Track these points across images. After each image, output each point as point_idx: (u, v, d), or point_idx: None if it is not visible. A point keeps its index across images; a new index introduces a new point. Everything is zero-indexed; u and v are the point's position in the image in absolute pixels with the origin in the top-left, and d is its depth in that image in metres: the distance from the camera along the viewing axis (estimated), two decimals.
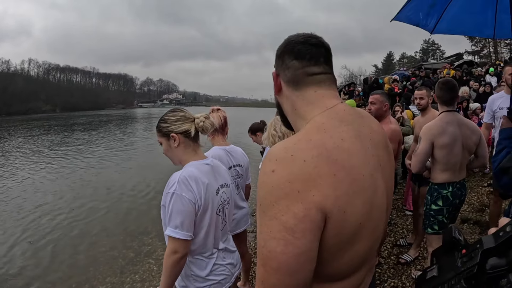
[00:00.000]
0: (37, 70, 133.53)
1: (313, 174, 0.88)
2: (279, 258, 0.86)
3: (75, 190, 10.27)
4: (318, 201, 0.87)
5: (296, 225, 0.85)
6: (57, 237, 6.62)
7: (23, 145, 22.25)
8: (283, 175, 0.88)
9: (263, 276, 0.89)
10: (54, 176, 12.22)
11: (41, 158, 16.40)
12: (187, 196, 1.77)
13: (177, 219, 1.75)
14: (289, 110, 1.12)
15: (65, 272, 5.23)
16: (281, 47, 1.13)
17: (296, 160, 0.89)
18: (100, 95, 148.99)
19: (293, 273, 0.87)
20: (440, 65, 22.36)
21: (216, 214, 1.96)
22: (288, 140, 0.97)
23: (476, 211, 5.58)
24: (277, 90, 1.14)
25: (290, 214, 0.85)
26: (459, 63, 21.71)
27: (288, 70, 1.09)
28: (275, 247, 0.86)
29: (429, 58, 64.27)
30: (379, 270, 3.89)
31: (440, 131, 2.90)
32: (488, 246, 0.86)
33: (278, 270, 0.86)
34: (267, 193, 0.89)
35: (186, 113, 2.00)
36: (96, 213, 7.97)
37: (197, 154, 2.00)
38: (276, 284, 0.88)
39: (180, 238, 1.75)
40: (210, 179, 1.94)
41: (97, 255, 5.68)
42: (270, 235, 0.87)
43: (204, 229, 1.89)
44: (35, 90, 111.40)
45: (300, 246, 0.85)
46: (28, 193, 10.01)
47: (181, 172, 1.85)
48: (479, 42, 50.39)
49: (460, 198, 3.06)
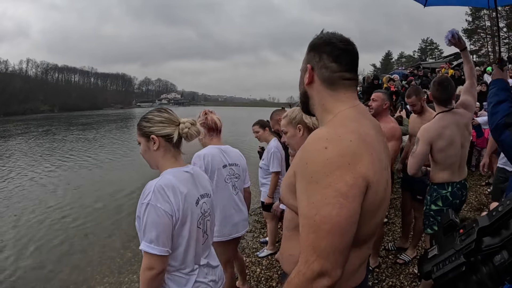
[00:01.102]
0: (35, 70, 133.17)
1: (358, 151, 1.08)
2: (334, 221, 1.02)
3: (72, 190, 10.26)
4: (363, 172, 1.06)
5: (348, 191, 1.03)
6: (54, 238, 6.61)
7: (21, 144, 22.22)
8: (335, 151, 1.07)
9: (314, 241, 1.04)
10: (52, 176, 12.21)
11: (40, 157, 16.43)
12: (163, 207, 1.61)
13: (152, 232, 1.59)
14: (317, 102, 1.29)
15: (62, 272, 5.21)
16: (320, 44, 1.26)
17: (343, 140, 1.09)
18: (99, 95, 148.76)
19: (344, 234, 1.04)
20: (438, 64, 22.40)
21: (196, 227, 1.79)
22: (328, 126, 1.19)
23: (474, 210, 5.59)
24: (309, 81, 1.28)
25: (343, 182, 1.03)
26: (458, 62, 21.69)
27: (325, 70, 1.24)
28: (330, 211, 1.02)
29: (427, 57, 64.29)
30: (377, 270, 3.89)
31: (437, 134, 2.86)
32: (483, 224, 0.98)
33: (330, 232, 1.02)
34: (321, 166, 1.06)
35: (172, 115, 1.83)
36: (94, 213, 7.97)
37: (177, 161, 1.84)
38: (327, 246, 1.03)
39: (156, 253, 1.58)
40: (190, 188, 1.78)
41: (95, 255, 5.67)
42: (325, 202, 1.03)
43: (183, 243, 1.72)
44: (33, 90, 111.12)
45: (351, 209, 1.04)
46: (24, 193, 10.00)
47: (157, 180, 1.69)
48: (478, 41, 50.39)
49: (461, 198, 3.02)
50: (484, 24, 45.86)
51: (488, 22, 44.40)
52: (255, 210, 6.54)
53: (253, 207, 6.54)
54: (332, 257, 1.04)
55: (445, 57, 32.64)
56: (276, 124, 4.12)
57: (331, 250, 1.03)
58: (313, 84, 1.27)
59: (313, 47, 1.28)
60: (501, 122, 1.78)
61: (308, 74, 1.26)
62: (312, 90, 1.29)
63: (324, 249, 1.03)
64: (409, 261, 4.05)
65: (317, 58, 1.25)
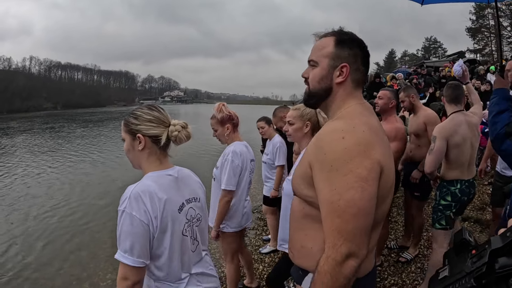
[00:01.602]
0: (39, 68, 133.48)
1: (371, 140, 1.18)
2: (358, 204, 1.11)
3: (76, 186, 10.31)
4: (378, 158, 1.16)
5: (368, 175, 1.13)
6: (57, 234, 6.65)
7: (28, 140, 22.31)
8: (352, 140, 1.16)
9: (340, 225, 1.12)
10: (56, 172, 12.26)
11: (44, 154, 16.49)
12: (138, 216, 1.48)
13: (127, 242, 1.48)
14: (338, 99, 1.33)
15: (65, 268, 5.25)
16: (353, 44, 1.31)
17: (357, 131, 1.18)
18: (102, 92, 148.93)
19: (367, 215, 1.14)
20: (442, 63, 22.27)
21: (181, 235, 1.65)
22: (341, 119, 1.27)
23: (477, 210, 5.59)
24: (343, 80, 1.31)
25: (362, 168, 1.13)
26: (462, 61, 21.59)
27: (358, 73, 1.32)
28: (353, 195, 1.11)
29: (431, 56, 64.09)
30: (380, 268, 3.89)
31: (453, 131, 3.08)
32: (496, 246, 0.92)
33: (356, 215, 1.11)
34: (341, 154, 1.15)
35: (162, 115, 1.69)
36: (97, 210, 8.01)
37: (161, 163, 1.70)
38: (353, 228, 1.12)
39: (129, 264, 1.47)
40: (171, 194, 1.63)
41: (98, 252, 5.70)
42: (347, 187, 1.12)
43: (165, 253, 1.59)
44: (36, 88, 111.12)
45: (371, 192, 1.14)
46: (29, 189, 10.04)
47: (134, 186, 1.56)
48: (481, 40, 50.14)
49: (469, 196, 3.22)
50: (488, 23, 45.63)
51: (492, 21, 44.18)
52: (258, 207, 6.54)
53: (256, 205, 6.55)
54: (358, 238, 1.12)
55: (449, 56, 32.49)
56: (279, 121, 4.13)
57: (357, 232, 1.12)
58: (344, 83, 1.31)
59: (345, 44, 1.30)
60: (501, 132, 1.79)
61: (344, 73, 1.29)
62: (340, 88, 1.32)
63: (350, 231, 1.12)
64: (411, 259, 4.07)
65: (352, 59, 1.29)
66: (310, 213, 1.29)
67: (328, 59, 1.30)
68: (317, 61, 1.32)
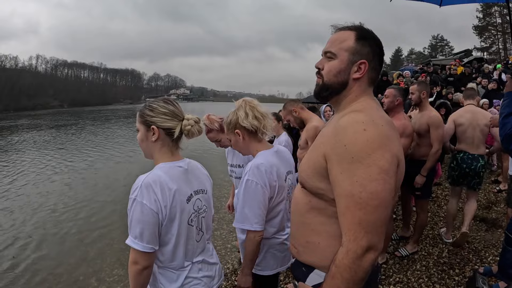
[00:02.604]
0: (45, 66, 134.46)
1: (390, 134, 1.19)
2: (380, 195, 1.11)
3: (84, 183, 10.42)
4: (396, 151, 1.18)
5: (389, 168, 1.14)
6: (64, 230, 6.72)
7: (44, 136, 22.47)
8: (374, 132, 1.15)
9: (362, 218, 1.12)
10: (65, 170, 12.40)
11: (53, 151, 16.63)
12: (148, 204, 1.55)
13: (137, 228, 1.55)
14: (352, 94, 1.31)
15: (72, 264, 5.31)
16: (373, 41, 1.31)
17: (377, 124, 1.18)
18: (108, 91, 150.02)
19: (388, 206, 1.14)
20: (448, 61, 22.12)
21: (187, 224, 1.71)
22: (359, 112, 1.24)
23: (482, 208, 5.57)
24: (360, 76, 1.30)
25: (384, 160, 1.13)
26: (469, 59, 21.45)
27: (374, 71, 1.31)
28: (376, 187, 1.11)
29: (437, 54, 63.76)
30: (385, 266, 3.90)
31: (459, 115, 4.26)
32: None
33: (378, 206, 1.11)
34: (363, 146, 1.13)
35: (177, 109, 1.74)
36: (104, 206, 8.08)
37: (172, 155, 1.75)
38: (376, 220, 1.12)
39: (139, 249, 1.55)
40: (180, 185, 1.68)
41: (104, 248, 5.76)
42: (370, 179, 1.11)
43: (172, 240, 1.66)
44: (43, 86, 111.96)
45: (392, 183, 1.15)
46: (37, 186, 10.15)
47: (145, 176, 1.61)
48: (488, 38, 49.78)
49: (470, 167, 4.14)
50: (495, 21, 45.33)
51: (499, 19, 43.89)
52: None
53: None
54: (379, 230, 1.14)
55: (455, 54, 32.29)
56: (289, 115, 4.12)
57: (378, 224, 1.13)
58: (361, 79, 1.30)
59: (366, 40, 1.29)
60: (509, 132, 1.86)
61: (363, 69, 1.29)
62: (356, 83, 1.30)
63: (372, 223, 1.12)
64: (406, 255, 4.11)
65: (370, 56, 1.29)
66: (318, 206, 1.28)
67: (348, 53, 1.28)
68: (336, 53, 1.29)
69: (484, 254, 4.08)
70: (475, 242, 4.37)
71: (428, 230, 4.81)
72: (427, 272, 3.75)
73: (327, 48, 1.33)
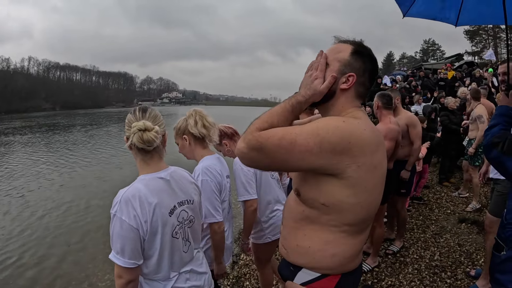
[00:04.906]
0: (37, 68, 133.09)
1: (371, 141, 1.24)
2: (287, 145, 1.18)
3: (73, 187, 10.33)
4: (368, 158, 1.23)
5: (313, 148, 1.17)
6: (56, 235, 6.68)
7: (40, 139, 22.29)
8: (350, 127, 1.21)
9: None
10: (55, 174, 12.28)
11: (45, 154, 16.49)
12: (127, 221, 1.52)
13: (118, 244, 1.54)
14: (338, 105, 1.34)
15: (64, 269, 5.27)
16: (366, 58, 1.34)
17: (360, 127, 1.24)
18: (100, 93, 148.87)
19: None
20: (440, 65, 22.37)
21: (171, 237, 1.68)
22: (347, 116, 1.28)
23: (474, 211, 5.60)
24: (347, 88, 1.32)
25: (326, 143, 1.17)
26: (460, 63, 21.68)
27: (362, 86, 1.35)
28: (296, 139, 1.17)
29: (429, 58, 64.28)
30: (377, 269, 3.92)
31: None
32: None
33: (280, 145, 1.19)
34: (329, 128, 1.19)
35: (135, 117, 1.68)
36: (96, 211, 8.02)
37: (149, 166, 1.69)
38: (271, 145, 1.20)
39: (121, 265, 1.54)
40: (162, 198, 1.64)
41: (96, 253, 5.72)
42: (301, 136, 1.17)
43: (155, 254, 1.64)
44: (35, 88, 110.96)
45: (301, 149, 1.19)
46: (28, 190, 10.06)
47: (125, 190, 1.58)
48: (479, 42, 50.34)
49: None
50: (486, 25, 45.78)
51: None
52: None
53: None
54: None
55: (447, 58, 32.59)
56: None
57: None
58: (348, 90, 1.33)
59: (360, 56, 1.33)
60: (489, 142, 1.99)
61: (350, 82, 1.31)
62: (343, 94, 1.33)
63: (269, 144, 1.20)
64: (397, 251, 4.28)
65: (361, 72, 1.32)
66: (311, 215, 1.32)
67: (340, 64, 1.32)
68: (329, 62, 1.34)
69: (475, 256, 4.10)
70: (466, 244, 4.40)
71: (420, 234, 4.84)
72: (419, 275, 3.78)
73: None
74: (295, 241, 1.38)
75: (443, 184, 7.27)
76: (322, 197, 1.26)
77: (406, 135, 4.15)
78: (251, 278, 4.03)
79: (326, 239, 1.30)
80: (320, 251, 1.31)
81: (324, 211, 1.27)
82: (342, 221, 1.28)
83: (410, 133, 4.16)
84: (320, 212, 1.29)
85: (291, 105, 1.29)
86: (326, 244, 1.30)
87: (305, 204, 1.33)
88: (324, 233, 1.30)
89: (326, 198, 1.25)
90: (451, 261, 4.04)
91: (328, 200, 1.25)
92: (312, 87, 1.29)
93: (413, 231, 4.97)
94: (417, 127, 4.18)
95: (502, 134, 1.97)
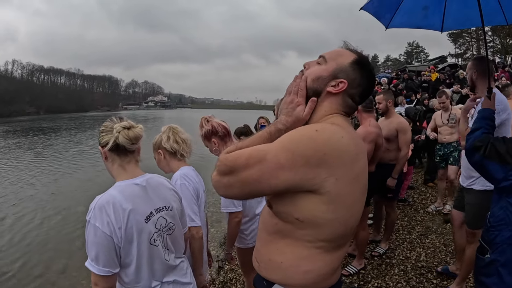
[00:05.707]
0: (21, 72, 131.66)
1: (348, 149, 1.16)
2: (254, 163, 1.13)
3: (67, 192, 10.22)
4: (337, 171, 1.13)
5: (286, 164, 1.10)
6: (40, 242, 6.56)
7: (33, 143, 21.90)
8: (321, 138, 1.12)
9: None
10: (48, 177, 12.12)
11: (38, 159, 16.24)
12: (101, 227, 1.52)
13: (92, 251, 1.53)
14: (322, 109, 1.27)
15: (47, 277, 5.18)
16: (366, 79, 1.28)
17: (337, 134, 1.15)
18: (85, 97, 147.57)
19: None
20: (424, 68, 22.65)
21: (149, 244, 1.66)
22: (324, 123, 1.22)
23: None
24: (335, 93, 1.26)
25: (292, 157, 1.10)
26: (443, 65, 21.99)
27: (351, 100, 1.28)
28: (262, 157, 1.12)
29: (413, 60, 65.16)
30: (363, 271, 3.93)
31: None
32: None
33: (247, 166, 1.14)
34: (301, 140, 1.12)
35: (112, 122, 1.70)
36: (79, 217, 7.82)
37: (125, 171, 1.70)
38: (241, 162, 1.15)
39: (96, 273, 1.53)
40: (137, 204, 1.63)
41: (82, 260, 5.55)
42: (270, 153, 1.11)
43: (133, 262, 1.62)
44: (19, 92, 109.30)
45: (271, 170, 1.13)
46: (19, 194, 9.93)
47: (100, 197, 1.59)
48: (463, 44, 51.18)
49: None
50: (469, 28, 46.56)
51: None
52: None
53: None
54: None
55: (431, 60, 33.02)
56: None
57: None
58: (334, 96, 1.27)
59: (360, 68, 1.27)
60: (471, 146, 2.02)
61: (339, 88, 1.25)
62: (328, 98, 1.27)
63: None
64: (383, 253, 4.29)
65: (354, 83, 1.26)
66: (284, 228, 1.24)
67: (336, 67, 1.26)
68: (327, 60, 1.28)
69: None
70: (452, 245, 4.44)
71: (406, 235, 4.88)
72: (405, 277, 3.80)
73: (324, 53, 1.32)
74: (268, 254, 1.30)
75: (428, 185, 7.35)
76: (297, 212, 1.17)
77: (395, 140, 4.07)
78: (237, 283, 4.00)
79: (300, 255, 1.21)
80: (293, 266, 1.22)
81: (298, 225, 1.19)
82: (318, 237, 1.19)
83: (399, 139, 4.06)
84: (294, 227, 1.20)
85: (269, 132, 1.24)
86: (299, 260, 1.22)
87: (278, 217, 1.25)
88: (298, 248, 1.22)
89: (301, 213, 1.17)
90: (437, 261, 4.08)
91: (303, 215, 1.17)
92: (295, 114, 1.24)
93: (398, 232, 5.00)
94: (407, 134, 4.09)
95: (484, 138, 2.00)
